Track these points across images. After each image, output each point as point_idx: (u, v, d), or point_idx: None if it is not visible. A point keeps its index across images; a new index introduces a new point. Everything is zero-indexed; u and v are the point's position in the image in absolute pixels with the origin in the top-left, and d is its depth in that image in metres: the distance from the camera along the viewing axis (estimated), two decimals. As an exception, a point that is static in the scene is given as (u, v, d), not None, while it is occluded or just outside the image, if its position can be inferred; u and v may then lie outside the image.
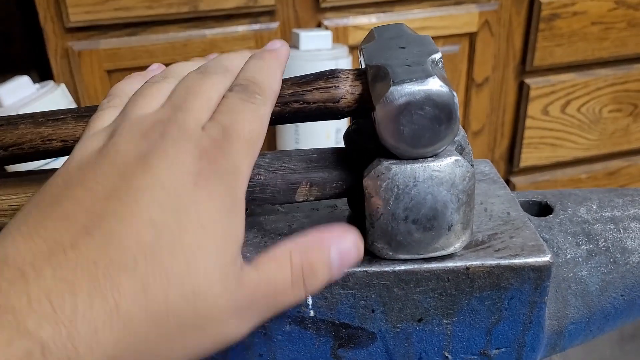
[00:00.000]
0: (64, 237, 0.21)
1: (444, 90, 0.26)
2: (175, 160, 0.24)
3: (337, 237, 0.26)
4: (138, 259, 0.21)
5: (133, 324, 0.21)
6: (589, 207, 0.34)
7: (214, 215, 0.23)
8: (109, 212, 0.22)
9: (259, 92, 0.27)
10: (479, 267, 0.29)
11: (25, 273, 0.20)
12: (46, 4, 0.89)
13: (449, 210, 0.28)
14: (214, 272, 0.23)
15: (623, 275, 0.32)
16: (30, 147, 0.30)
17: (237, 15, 0.97)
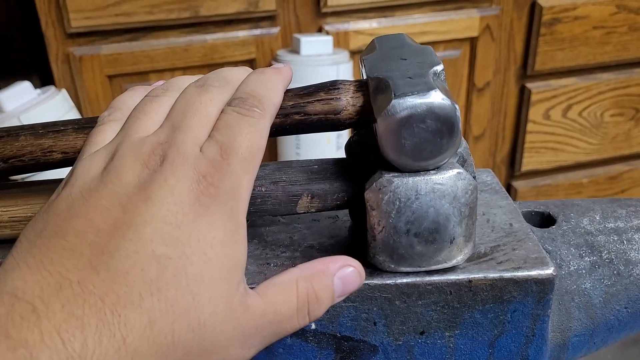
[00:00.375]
0: (70, 272, 0.22)
1: (446, 104, 0.25)
2: (174, 189, 0.24)
3: (341, 265, 0.27)
4: (143, 294, 0.22)
5: (141, 357, 0.21)
6: (592, 217, 0.34)
7: (216, 243, 0.24)
8: (112, 248, 0.22)
9: (258, 106, 0.27)
10: (482, 280, 0.29)
11: (36, 308, 0.21)
12: (47, 9, 0.89)
13: (451, 224, 0.28)
14: (219, 302, 0.23)
15: (627, 287, 0.32)
16: (30, 159, 0.30)
17: (237, 20, 0.97)
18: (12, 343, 0.20)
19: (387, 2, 1.00)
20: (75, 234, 0.23)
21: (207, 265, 0.23)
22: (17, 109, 0.83)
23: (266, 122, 0.27)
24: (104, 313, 0.21)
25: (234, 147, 0.25)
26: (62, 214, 0.24)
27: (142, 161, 0.25)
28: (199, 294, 0.23)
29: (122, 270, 0.22)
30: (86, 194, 0.24)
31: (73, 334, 0.20)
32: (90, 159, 0.26)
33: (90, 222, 0.23)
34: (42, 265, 0.22)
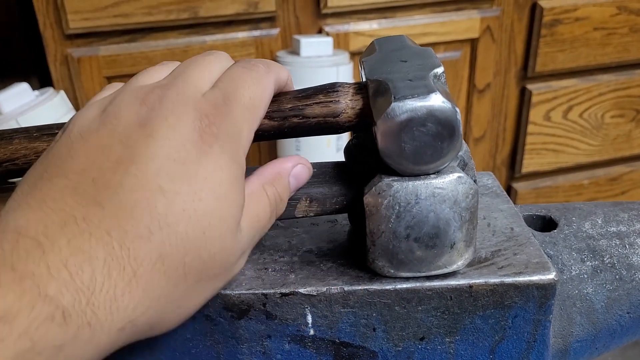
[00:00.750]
0: (74, 209, 0.22)
1: (446, 107, 0.25)
2: (175, 127, 0.24)
3: (293, 164, 0.29)
4: (152, 228, 0.22)
5: (152, 288, 0.22)
6: (594, 221, 0.33)
7: (224, 182, 0.24)
8: (116, 183, 0.22)
9: (263, 64, 0.28)
10: (483, 285, 0.28)
11: (41, 243, 0.20)
12: (46, 10, 0.89)
13: (452, 228, 0.27)
14: (227, 237, 0.24)
15: (629, 292, 0.31)
16: (24, 162, 0.30)
17: (237, 21, 0.96)
18: (18, 275, 0.19)
19: (388, 3, 0.99)
20: (77, 173, 0.23)
21: (217, 202, 0.24)
22: (15, 110, 0.82)
23: (270, 79, 0.28)
24: (112, 247, 0.21)
25: (236, 95, 0.26)
26: (63, 156, 0.24)
27: (141, 100, 0.25)
28: (209, 229, 0.23)
29: (128, 205, 0.22)
30: (86, 134, 0.24)
31: (81, 267, 0.20)
32: (87, 106, 0.26)
33: (92, 160, 0.23)
34: (45, 204, 0.22)
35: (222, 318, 0.29)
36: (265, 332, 0.29)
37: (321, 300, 0.29)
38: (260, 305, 0.29)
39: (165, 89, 0.25)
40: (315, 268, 0.30)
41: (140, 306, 0.22)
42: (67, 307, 0.20)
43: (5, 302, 0.19)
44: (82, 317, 0.20)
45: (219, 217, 0.24)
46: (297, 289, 0.29)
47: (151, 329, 0.23)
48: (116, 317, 0.21)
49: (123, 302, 0.21)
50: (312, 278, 0.29)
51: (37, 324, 0.19)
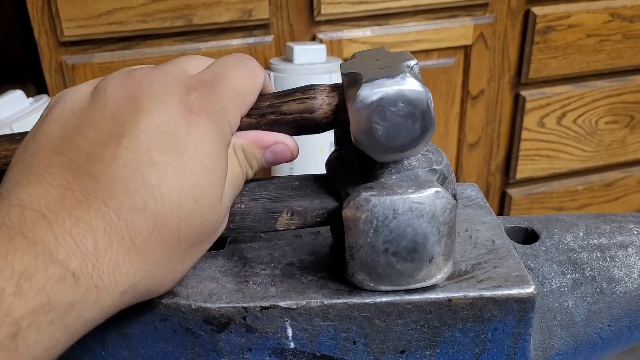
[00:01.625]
0: (72, 183, 0.23)
1: (416, 86, 0.25)
2: (163, 100, 0.25)
3: (273, 142, 0.29)
4: (147, 200, 0.23)
5: (150, 256, 0.23)
6: (576, 234, 0.33)
7: (212, 155, 0.25)
8: (109, 157, 0.23)
9: (254, 59, 0.29)
10: (462, 298, 0.29)
11: (45, 215, 0.22)
12: (40, 18, 0.89)
13: (430, 243, 0.27)
14: (216, 205, 0.26)
15: (610, 305, 0.31)
16: (4, 164, 0.30)
17: (231, 28, 0.97)
18: (30, 241, 0.21)
19: (381, 11, 1.00)
20: (71, 149, 0.24)
21: (207, 174, 0.25)
22: (9, 117, 0.83)
23: (261, 73, 0.28)
24: (110, 217, 0.22)
25: (225, 77, 0.27)
26: (56, 134, 0.25)
27: (129, 78, 0.25)
28: (200, 199, 0.24)
29: (122, 177, 0.23)
30: (78, 112, 0.25)
31: (84, 236, 0.22)
32: (77, 85, 0.27)
33: (85, 136, 0.24)
34: (44, 179, 0.23)
35: (203, 331, 0.29)
36: (246, 345, 0.29)
37: (301, 313, 0.29)
38: (241, 318, 0.29)
39: (154, 68, 0.26)
40: (296, 281, 0.30)
41: (140, 272, 0.23)
42: (76, 270, 0.21)
43: (23, 263, 0.20)
44: (89, 279, 0.21)
45: (209, 186, 0.25)
46: (277, 302, 0.29)
47: (149, 292, 0.25)
48: (119, 281, 0.22)
49: (125, 267, 0.22)
50: (293, 291, 0.29)
51: (51, 282, 0.20)
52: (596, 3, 1.09)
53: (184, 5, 0.91)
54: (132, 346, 0.30)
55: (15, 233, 0.21)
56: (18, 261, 0.20)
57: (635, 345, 0.34)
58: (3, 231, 0.21)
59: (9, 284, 0.19)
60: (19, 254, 0.20)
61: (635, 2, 1.10)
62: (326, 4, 0.96)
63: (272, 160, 0.30)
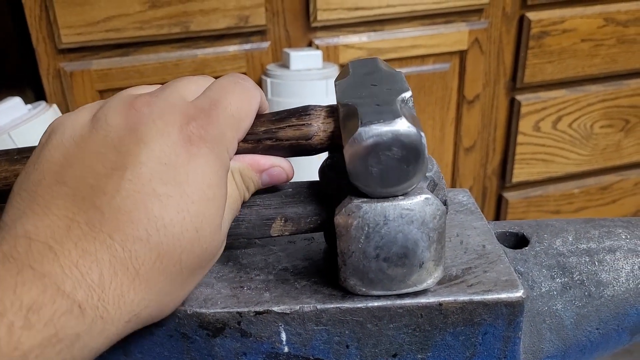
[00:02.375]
0: (77, 215, 0.23)
1: (411, 131, 0.26)
2: (164, 131, 0.25)
3: (270, 165, 0.30)
4: (150, 230, 0.24)
5: (153, 284, 0.24)
6: (565, 238, 0.34)
7: (213, 184, 0.26)
8: (113, 189, 0.24)
9: (249, 80, 0.29)
10: (452, 303, 0.29)
11: (52, 247, 0.22)
12: (38, 25, 0.90)
13: (420, 248, 0.28)
14: (217, 234, 0.26)
15: (598, 308, 0.32)
16: (4, 185, 0.30)
17: (228, 35, 0.97)
18: (37, 273, 0.21)
19: (377, 17, 1.01)
20: (75, 180, 0.24)
21: (207, 203, 0.25)
22: (8, 124, 0.83)
23: (257, 94, 0.29)
24: (115, 249, 0.23)
25: (222, 102, 0.27)
26: (58, 162, 0.25)
27: (129, 104, 0.26)
28: (201, 228, 0.25)
29: (126, 209, 0.23)
30: (79, 140, 0.25)
31: (90, 267, 0.22)
32: (76, 111, 0.27)
33: (88, 167, 0.24)
34: (49, 210, 0.23)
35: (198, 336, 0.30)
36: (241, 349, 0.30)
37: (294, 318, 0.29)
38: (235, 323, 0.29)
39: (153, 96, 0.27)
40: (289, 286, 0.31)
41: (144, 300, 0.24)
42: (82, 302, 0.22)
43: (31, 295, 0.20)
44: (95, 310, 0.22)
45: (209, 215, 0.25)
46: (271, 307, 0.29)
47: (152, 318, 0.25)
48: (124, 310, 0.23)
49: (129, 297, 0.23)
50: (286, 296, 0.30)
51: (59, 315, 0.21)
52: (590, 8, 1.10)
53: (180, 12, 0.92)
54: (129, 351, 0.30)
55: (23, 265, 0.21)
56: (26, 294, 0.20)
57: (631, 346, 0.35)
58: (11, 263, 0.21)
59: (18, 317, 0.20)
60: (27, 287, 0.21)
61: (629, 7, 1.11)
62: (322, 10, 0.97)
63: (268, 182, 0.31)
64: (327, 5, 0.97)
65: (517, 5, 1.08)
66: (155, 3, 0.91)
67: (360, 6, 0.99)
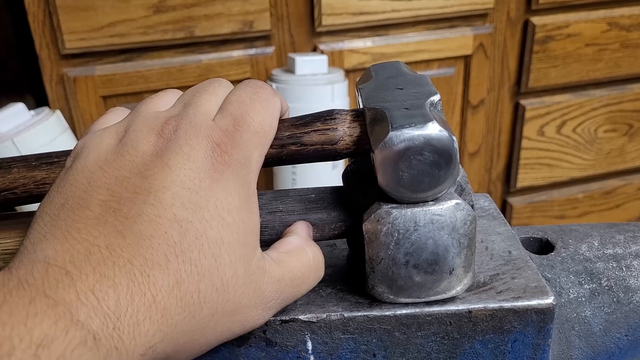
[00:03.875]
0: (98, 239, 0.23)
1: (443, 135, 0.25)
2: (190, 156, 0.25)
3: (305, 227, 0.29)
4: (169, 256, 0.23)
5: (170, 315, 0.23)
6: (591, 244, 0.34)
7: (232, 209, 0.25)
8: (135, 213, 0.23)
9: (268, 88, 0.29)
10: (482, 310, 0.29)
11: (69, 272, 0.21)
12: (42, 31, 0.89)
13: (451, 255, 0.27)
14: (239, 264, 0.25)
15: (627, 314, 0.31)
16: (23, 192, 0.30)
17: (232, 40, 0.97)
18: (51, 301, 0.20)
19: (381, 21, 1.00)
20: (98, 204, 0.24)
21: (226, 229, 0.24)
22: (11, 130, 0.83)
23: (277, 102, 0.28)
24: (134, 274, 0.22)
25: (245, 120, 0.26)
26: (82, 186, 0.25)
27: (157, 132, 0.26)
28: (220, 256, 0.24)
29: (147, 234, 0.23)
30: (104, 165, 0.25)
31: (106, 293, 0.21)
32: (100, 133, 0.27)
33: (112, 191, 0.24)
34: (70, 235, 0.23)
35: (223, 345, 0.29)
36: (266, 359, 0.29)
37: (321, 326, 0.29)
38: (261, 332, 0.29)
39: (179, 119, 0.26)
40: (314, 294, 0.30)
41: (159, 332, 0.23)
42: (97, 331, 0.21)
43: (42, 328, 0.20)
44: (110, 341, 0.21)
45: (228, 243, 0.24)
46: (297, 315, 0.29)
47: (166, 356, 0.24)
48: (139, 341, 0.22)
49: (144, 327, 0.22)
50: (312, 304, 0.29)
51: (72, 348, 0.20)
52: (594, 13, 1.10)
53: (185, 18, 0.92)
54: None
55: (37, 292, 0.21)
56: (37, 326, 0.20)
57: None
58: (25, 290, 0.21)
59: (26, 354, 0.19)
60: (39, 318, 0.20)
61: (633, 12, 1.11)
62: (327, 15, 0.97)
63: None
64: (331, 10, 0.97)
65: (521, 10, 1.08)
66: (160, 8, 0.90)
67: (365, 11, 0.98)
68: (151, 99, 0.29)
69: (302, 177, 0.93)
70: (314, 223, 0.30)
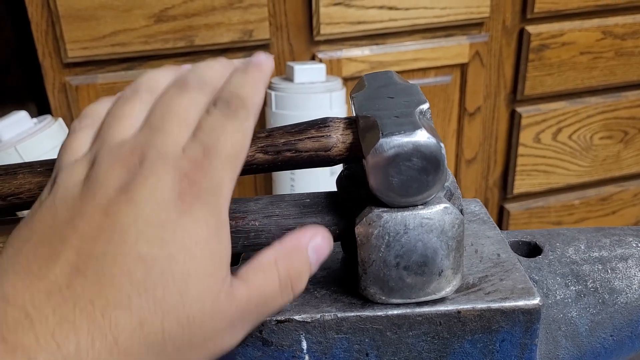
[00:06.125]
0: (59, 278, 0.22)
1: (431, 142, 0.26)
2: (155, 188, 0.24)
3: (311, 236, 0.28)
4: (132, 295, 0.22)
5: (133, 356, 0.22)
6: (577, 247, 0.35)
7: (200, 240, 0.24)
8: (98, 252, 0.23)
9: (242, 107, 0.27)
10: (470, 310, 0.30)
11: (29, 313, 0.21)
12: (45, 40, 0.91)
13: (439, 257, 0.28)
14: (206, 297, 0.24)
15: (612, 315, 0.32)
16: (29, 197, 0.31)
17: (232, 49, 0.98)
18: (9, 346, 0.20)
19: (379, 30, 1.02)
20: (61, 241, 0.23)
21: (193, 262, 0.23)
22: (14, 138, 0.84)
23: (250, 123, 0.27)
24: (95, 315, 0.22)
25: (216, 147, 0.25)
26: (47, 222, 0.24)
27: (121, 163, 0.25)
28: (186, 291, 0.23)
29: (110, 274, 0.22)
30: (69, 202, 0.25)
31: (67, 337, 0.21)
32: (70, 168, 0.26)
33: (75, 229, 0.23)
34: (31, 272, 0.22)
35: (220, 345, 0.30)
36: (262, 358, 0.30)
37: (315, 326, 0.30)
38: (257, 332, 0.30)
39: (146, 147, 0.25)
40: (309, 295, 0.31)
41: None
42: None
43: None
44: None
45: (195, 276, 0.23)
46: (292, 316, 0.30)
47: None
48: None
49: None
50: (307, 305, 0.30)
51: None
52: (589, 21, 1.11)
53: (185, 27, 0.93)
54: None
55: None
56: None
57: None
58: None
59: None
60: None
61: (626, 21, 1.13)
62: (325, 24, 0.98)
63: (316, 260, 0.28)
64: (330, 19, 0.98)
65: (516, 19, 1.10)
66: (161, 18, 0.92)
67: (363, 20, 1.00)
68: (116, 118, 0.27)
69: (301, 183, 0.94)
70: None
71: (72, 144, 0.28)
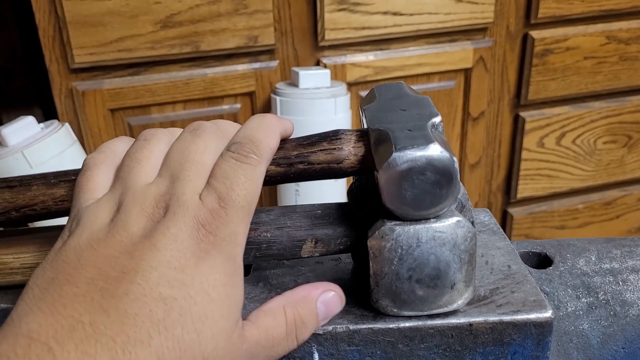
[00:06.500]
0: (83, 315, 0.23)
1: (444, 156, 0.27)
2: (177, 237, 0.26)
3: (322, 291, 0.30)
4: (152, 333, 0.23)
5: None
6: (588, 258, 0.35)
7: (217, 284, 0.26)
8: (122, 292, 0.24)
9: (255, 152, 0.28)
10: (482, 323, 0.30)
11: (52, 348, 0.22)
12: (52, 45, 0.91)
13: (452, 270, 0.28)
14: (221, 337, 0.26)
15: (623, 327, 0.32)
16: (42, 208, 0.31)
17: (237, 54, 0.99)
18: None
19: (383, 36, 1.02)
20: (86, 282, 0.25)
21: (210, 305, 0.25)
22: (21, 143, 0.84)
23: (262, 167, 0.29)
24: (115, 352, 0.23)
25: (231, 197, 0.27)
26: (72, 263, 0.25)
27: (147, 214, 0.27)
28: (203, 331, 0.25)
29: (132, 312, 0.24)
30: (95, 244, 0.26)
31: None
32: (94, 208, 0.28)
33: (100, 270, 0.25)
34: (56, 310, 0.24)
35: (232, 357, 0.30)
36: (274, 370, 0.30)
37: (327, 338, 0.30)
38: (269, 344, 0.30)
39: (168, 198, 0.27)
40: (321, 307, 0.31)
41: None
42: None
43: None
44: None
45: (212, 317, 0.25)
46: (304, 328, 0.30)
47: None
48: None
49: None
50: (319, 317, 0.30)
51: None
52: (593, 26, 1.12)
53: (191, 33, 0.94)
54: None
55: None
56: None
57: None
58: None
59: None
60: None
61: (630, 26, 1.13)
62: (330, 29, 0.99)
63: (324, 313, 0.30)
64: (334, 25, 0.98)
65: (520, 24, 1.10)
66: (167, 24, 0.92)
67: (367, 26, 1.00)
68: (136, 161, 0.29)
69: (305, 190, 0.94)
70: (321, 238, 0.32)
71: (90, 181, 0.29)
